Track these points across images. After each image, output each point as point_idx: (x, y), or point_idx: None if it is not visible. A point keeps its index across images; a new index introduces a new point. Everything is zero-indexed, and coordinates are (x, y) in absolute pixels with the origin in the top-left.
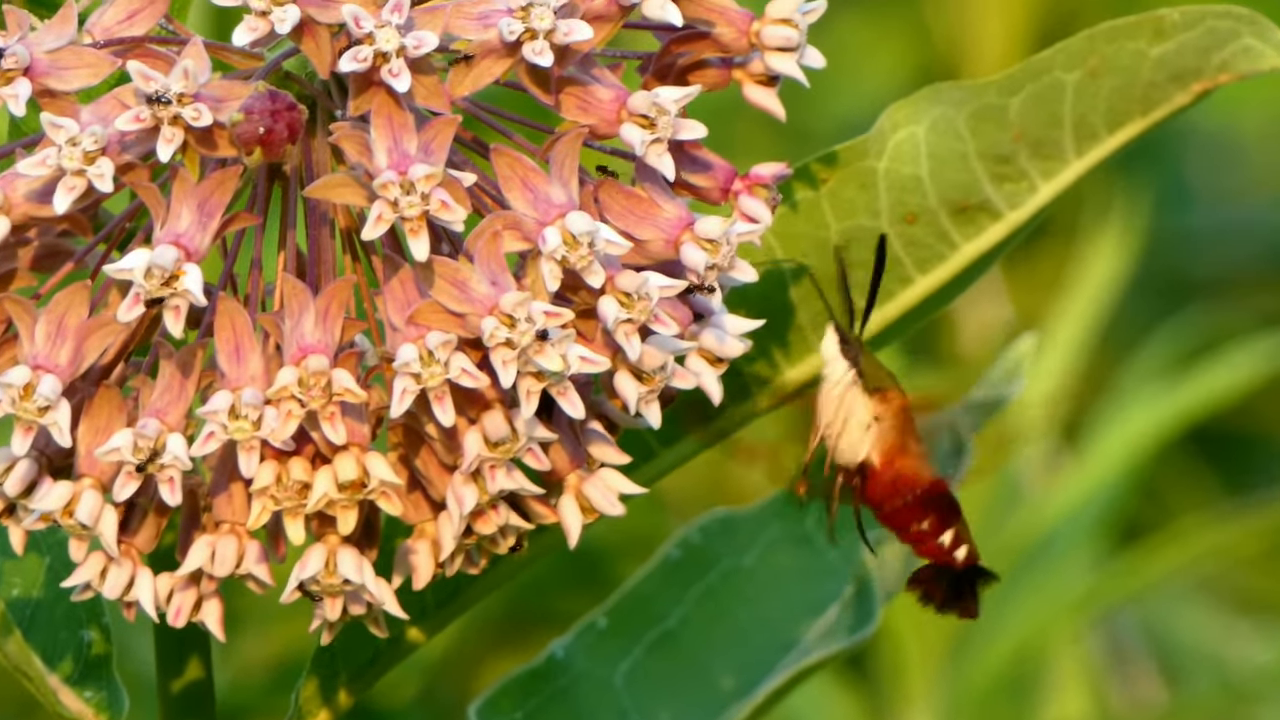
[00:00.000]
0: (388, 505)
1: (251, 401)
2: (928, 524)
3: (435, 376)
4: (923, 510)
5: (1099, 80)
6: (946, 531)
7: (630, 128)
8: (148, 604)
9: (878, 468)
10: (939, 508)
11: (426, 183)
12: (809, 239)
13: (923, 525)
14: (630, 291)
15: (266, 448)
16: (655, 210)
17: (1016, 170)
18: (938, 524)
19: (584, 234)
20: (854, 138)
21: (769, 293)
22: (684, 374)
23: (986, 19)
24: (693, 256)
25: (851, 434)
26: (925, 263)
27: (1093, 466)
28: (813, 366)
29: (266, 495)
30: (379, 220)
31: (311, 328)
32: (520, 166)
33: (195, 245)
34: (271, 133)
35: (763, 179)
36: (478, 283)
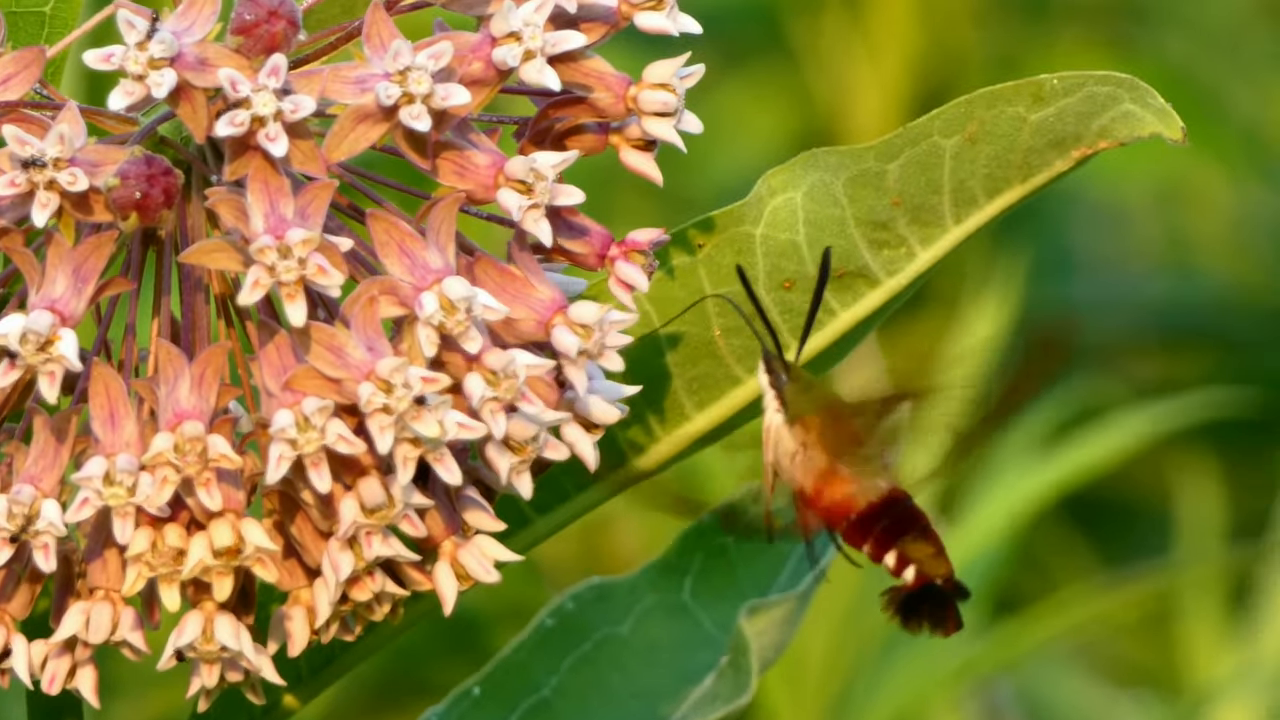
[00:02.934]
0: (263, 572)
1: (126, 467)
2: (869, 548)
3: (311, 442)
4: (860, 534)
5: (977, 146)
6: (888, 553)
7: (507, 193)
8: (22, 671)
9: (810, 496)
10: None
11: (303, 247)
12: (685, 305)
13: (865, 549)
14: (497, 370)
15: (141, 514)
16: (528, 290)
17: (895, 236)
18: (877, 547)
19: (461, 299)
20: (732, 203)
21: (645, 358)
22: (557, 445)
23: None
24: (564, 340)
25: (784, 466)
26: (799, 329)
27: (971, 535)
28: (687, 433)
29: (141, 562)
30: (255, 285)
31: (186, 393)
32: (397, 231)
33: (70, 310)
34: (147, 197)
35: (639, 245)
36: (354, 348)
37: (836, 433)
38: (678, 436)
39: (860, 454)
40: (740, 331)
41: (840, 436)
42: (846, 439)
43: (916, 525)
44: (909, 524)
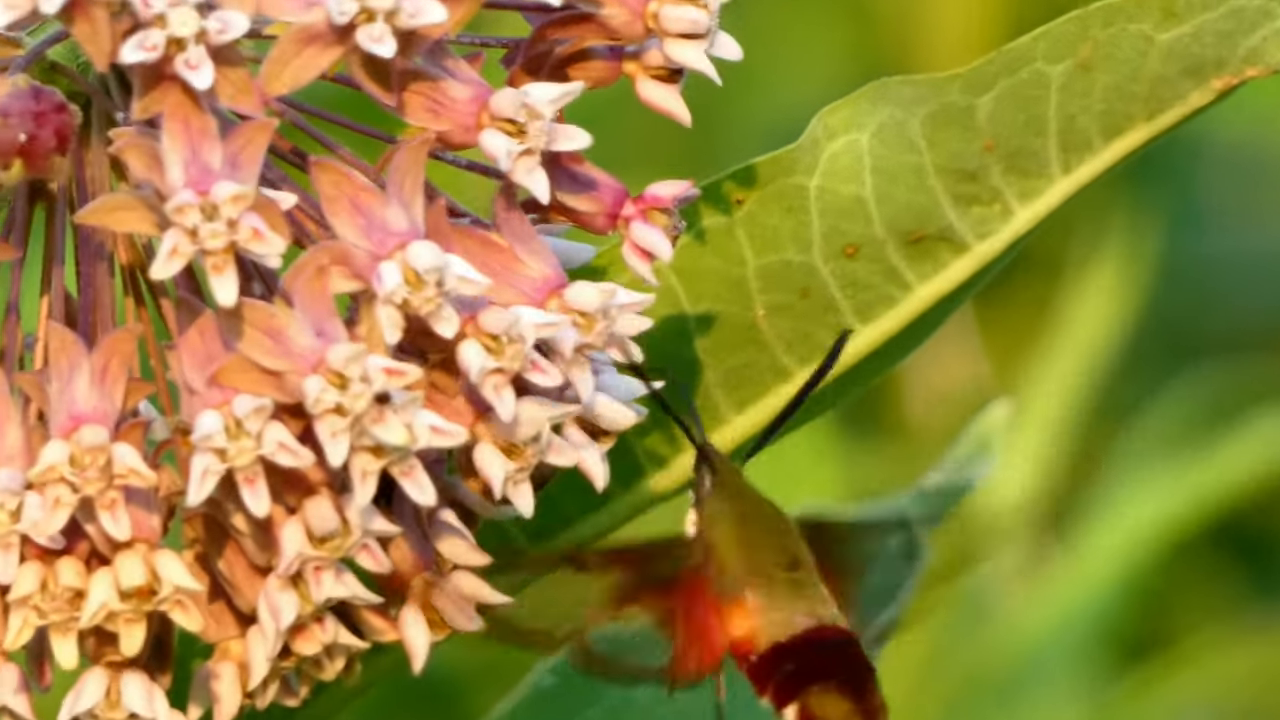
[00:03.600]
0: (183, 618)
1: (7, 486)
2: (769, 696)
3: (244, 453)
4: (762, 678)
5: (1092, 74)
6: (788, 706)
7: (493, 135)
8: None
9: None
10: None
11: (234, 205)
12: (720, 277)
13: (766, 697)
14: (499, 333)
15: (28, 545)
16: (517, 266)
17: (987, 189)
18: (778, 695)
19: (430, 270)
20: (779, 148)
21: (670, 346)
22: (561, 447)
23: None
24: (560, 335)
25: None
26: (869, 308)
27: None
28: (723, 440)
29: (28, 606)
30: (173, 254)
31: (85, 391)
32: (349, 184)
33: None
34: (34, 140)
35: (662, 201)
36: (298, 332)
37: (749, 552)
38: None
39: (777, 580)
40: (790, 311)
41: (753, 558)
42: (762, 562)
43: (838, 675)
44: (826, 672)
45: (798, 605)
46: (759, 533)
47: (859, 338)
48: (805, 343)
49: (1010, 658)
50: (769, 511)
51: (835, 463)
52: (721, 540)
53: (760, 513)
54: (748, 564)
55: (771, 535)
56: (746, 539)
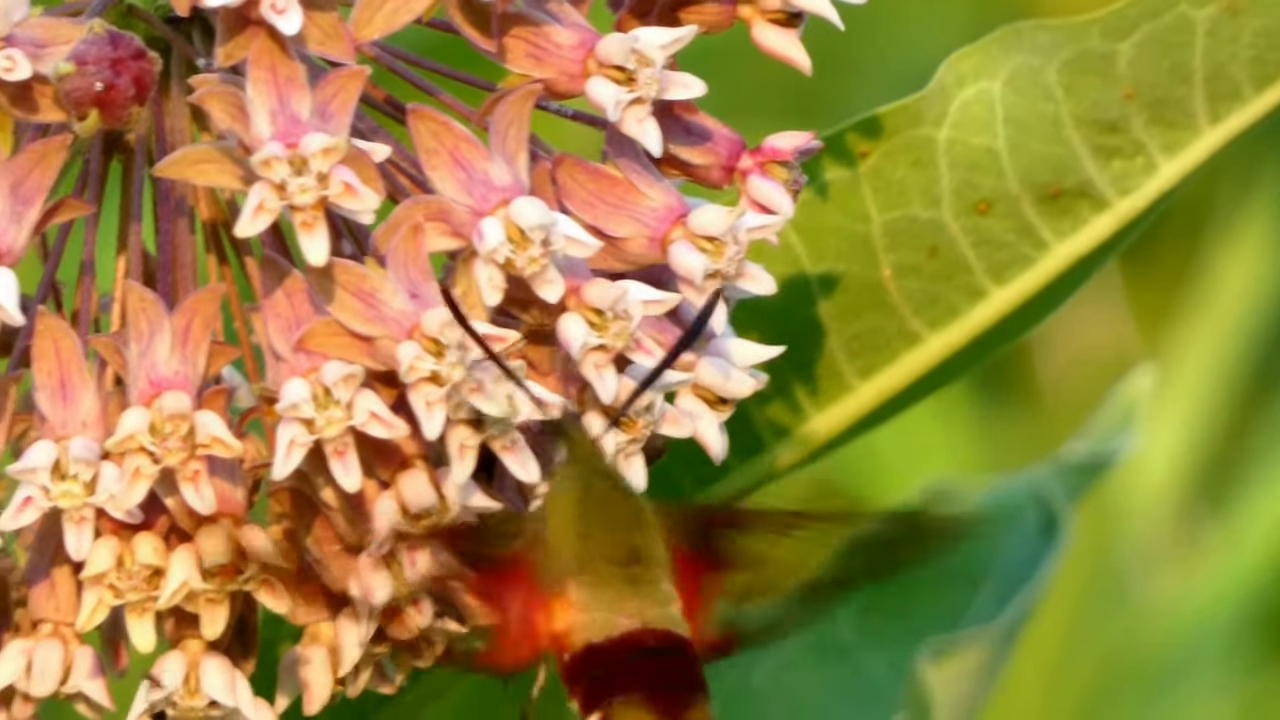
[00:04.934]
0: (270, 599)
1: (83, 455)
2: (577, 699)
3: (334, 423)
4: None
5: (1241, 18)
6: (592, 714)
7: (600, 83)
8: None
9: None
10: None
11: (324, 158)
12: (844, 235)
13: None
14: (603, 308)
15: (104, 519)
16: (635, 197)
17: (1129, 142)
18: (583, 700)
19: (535, 228)
20: (905, 97)
21: (790, 309)
22: (676, 417)
23: None
24: (687, 260)
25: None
26: (1003, 268)
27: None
28: (848, 410)
29: (103, 584)
30: (259, 210)
31: (166, 355)
32: (449, 136)
33: (7, 243)
34: (112, 89)
35: (781, 154)
36: (391, 294)
37: (581, 542)
38: (835, 413)
39: (605, 575)
40: (918, 271)
41: (584, 548)
42: (592, 554)
43: (650, 686)
44: (637, 682)
45: (624, 605)
46: (597, 522)
47: (992, 299)
48: (935, 305)
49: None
50: (617, 499)
51: (969, 432)
52: (555, 526)
53: (605, 500)
54: (577, 554)
55: (611, 526)
56: (581, 528)
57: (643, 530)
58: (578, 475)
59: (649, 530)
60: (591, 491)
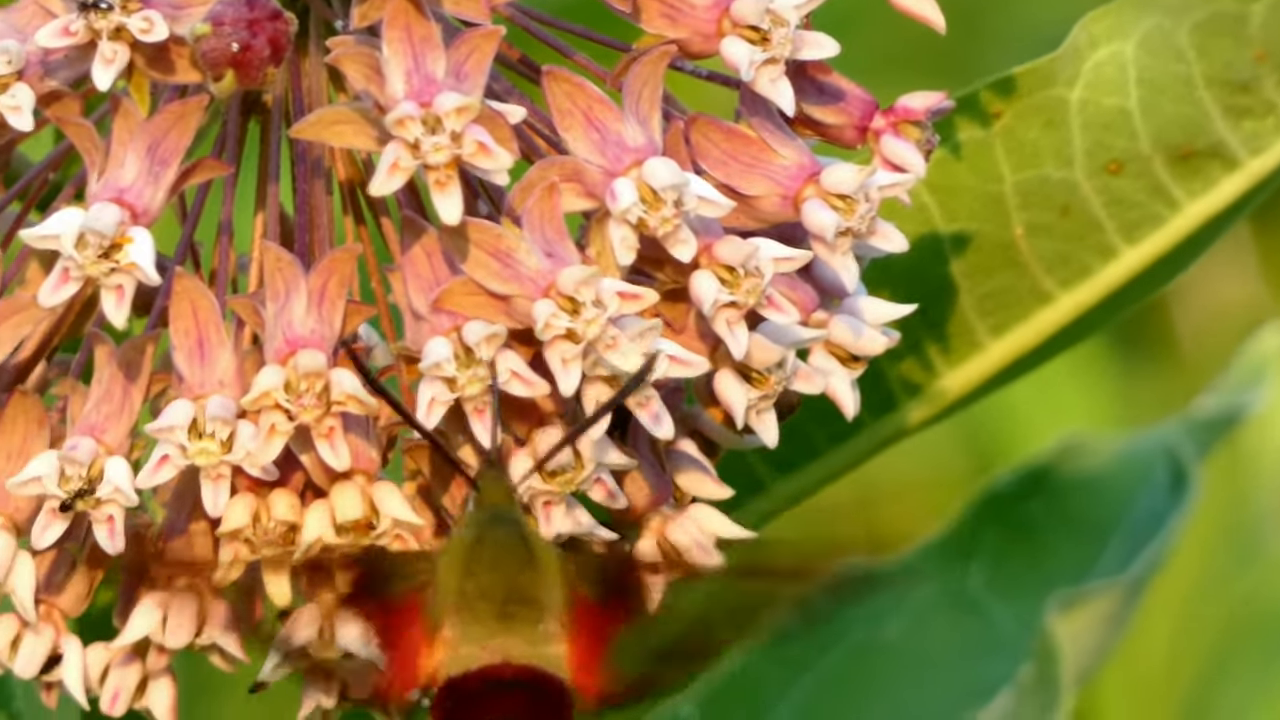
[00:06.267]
0: None
1: (220, 414)
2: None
3: (475, 381)
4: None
5: None
6: None
7: (735, 43)
8: (74, 685)
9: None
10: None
11: (458, 117)
12: (976, 194)
13: None
14: (735, 265)
15: (240, 476)
16: (768, 156)
17: (1260, 102)
18: None
19: (669, 188)
20: (1038, 57)
21: (922, 268)
22: (808, 374)
23: None
24: (819, 218)
25: None
26: (1135, 227)
27: None
28: (979, 368)
29: (239, 540)
30: (394, 169)
31: (302, 314)
32: (583, 97)
33: (144, 203)
34: (248, 50)
35: (914, 114)
36: (527, 254)
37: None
38: (967, 371)
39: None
40: (1051, 231)
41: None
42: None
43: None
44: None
45: (490, 641)
46: (484, 563)
47: (1124, 258)
48: (1066, 265)
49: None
50: (512, 544)
51: (1104, 389)
52: (445, 566)
53: (499, 544)
54: (458, 593)
55: (496, 568)
56: (467, 568)
57: (534, 574)
58: (478, 520)
59: (542, 575)
60: (486, 535)
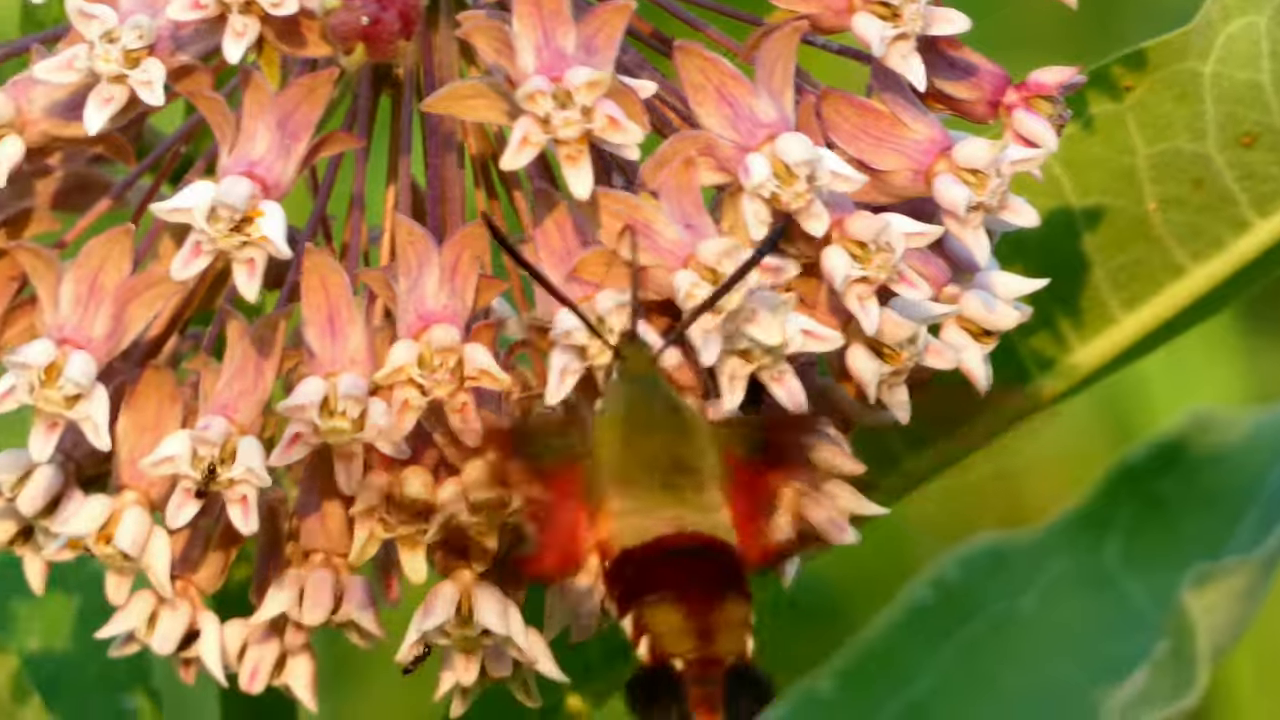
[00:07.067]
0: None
1: (352, 391)
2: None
3: (605, 351)
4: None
5: None
6: (626, 615)
7: (866, 18)
8: (213, 661)
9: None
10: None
11: (589, 92)
12: (1109, 168)
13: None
14: (866, 240)
15: (373, 453)
16: (900, 130)
17: None
18: (618, 604)
19: (801, 163)
20: (1171, 31)
21: (1054, 242)
22: (940, 349)
23: None
24: (951, 193)
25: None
26: (1268, 200)
27: None
28: (1112, 342)
29: (374, 518)
30: (524, 144)
31: (435, 289)
32: (716, 71)
33: (275, 176)
34: (379, 24)
35: (1046, 88)
36: (665, 225)
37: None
38: (1099, 345)
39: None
40: (1183, 204)
41: (628, 458)
42: (634, 463)
43: (680, 586)
44: (667, 582)
45: (660, 511)
46: (641, 433)
47: (1257, 231)
48: (1199, 237)
49: None
50: (665, 412)
51: (1236, 363)
52: (602, 438)
53: (652, 413)
54: (620, 464)
55: (655, 437)
56: (625, 439)
57: (690, 441)
58: (627, 391)
59: (698, 441)
60: (639, 405)
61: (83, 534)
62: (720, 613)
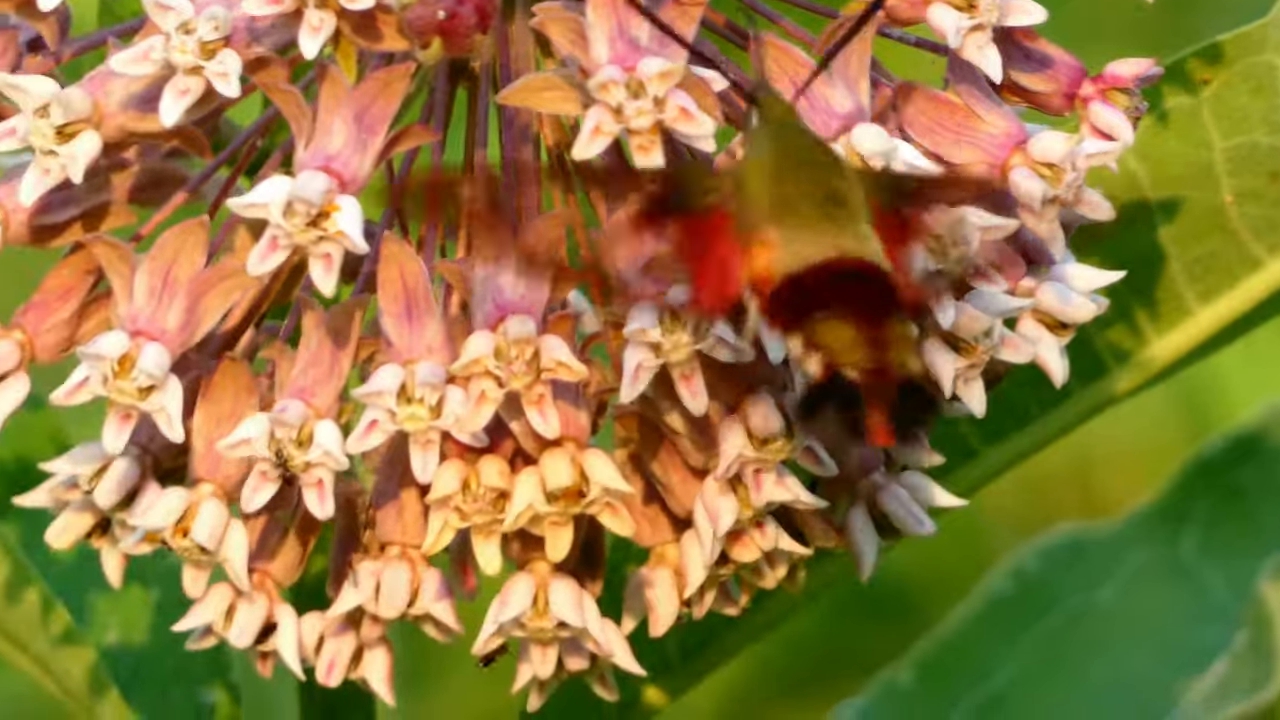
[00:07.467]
0: (613, 521)
1: (429, 379)
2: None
3: (681, 348)
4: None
5: None
6: (793, 336)
7: (942, 10)
8: (290, 655)
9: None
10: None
11: (661, 82)
12: (1184, 161)
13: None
14: (941, 234)
15: (449, 442)
16: (975, 123)
17: None
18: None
19: (876, 154)
20: (1248, 23)
21: (1130, 234)
22: (1015, 343)
23: None
24: (1027, 186)
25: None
26: None
27: None
28: (1188, 335)
29: (449, 507)
30: (596, 133)
31: (512, 280)
32: (790, 62)
33: (352, 171)
34: (455, 17)
35: (1122, 81)
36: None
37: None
38: (1176, 338)
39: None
40: (1260, 197)
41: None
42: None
43: (848, 304)
44: (835, 300)
45: (821, 240)
46: (792, 169)
47: None
48: (1275, 230)
49: None
50: (813, 149)
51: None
52: (750, 174)
53: (800, 150)
54: (773, 198)
55: (807, 172)
56: (777, 173)
57: (841, 177)
58: (772, 133)
59: (847, 179)
60: (786, 144)
61: (160, 527)
62: (889, 328)
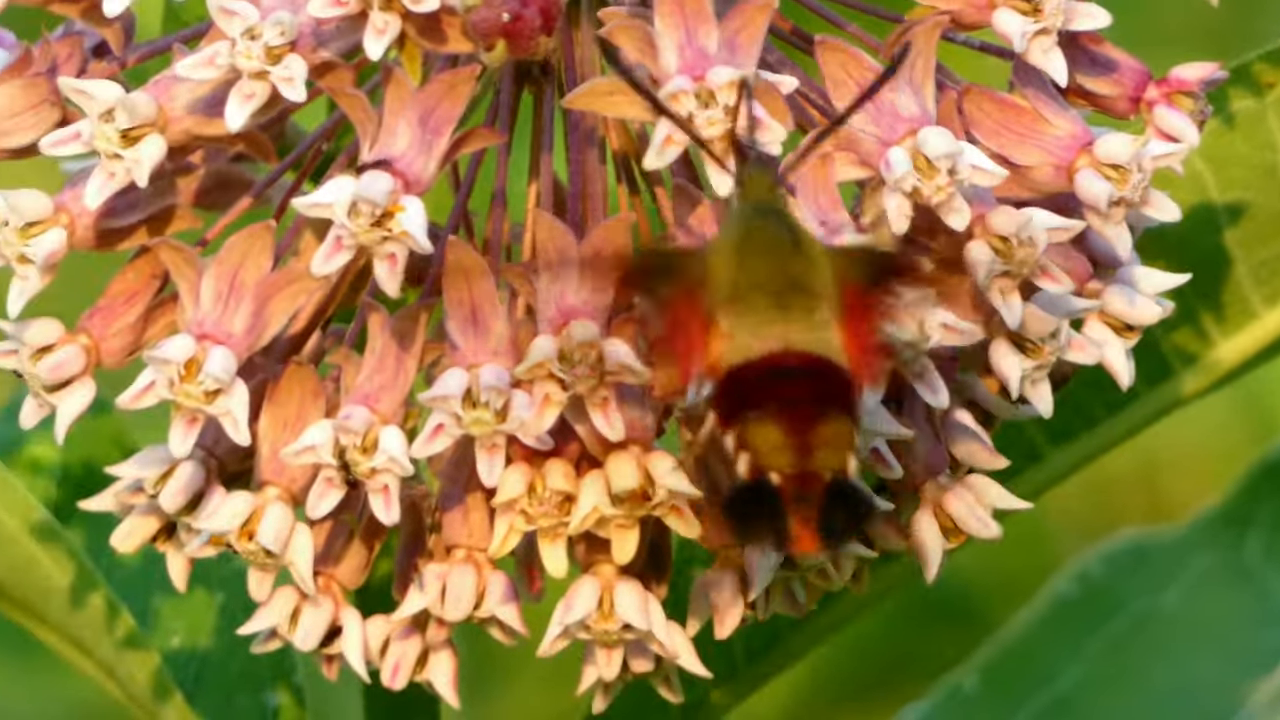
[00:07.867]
0: (679, 524)
1: (494, 383)
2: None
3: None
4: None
5: None
6: (728, 433)
7: (1007, 14)
8: (355, 658)
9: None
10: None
11: (731, 91)
12: (1250, 164)
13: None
14: (1008, 235)
15: (515, 446)
16: (1041, 126)
17: None
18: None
19: (943, 157)
20: None
21: (1195, 237)
22: (1083, 344)
23: None
24: (1092, 188)
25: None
26: None
27: None
28: (1254, 338)
29: (515, 511)
30: (668, 142)
31: (576, 284)
32: (857, 67)
33: (416, 172)
34: (520, 20)
35: (1187, 84)
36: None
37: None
38: (1241, 341)
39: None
40: None
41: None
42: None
43: (780, 404)
44: (769, 400)
45: (769, 329)
46: (755, 254)
47: None
48: None
49: None
50: (781, 234)
51: None
52: (717, 259)
53: (768, 234)
54: (732, 284)
55: (769, 257)
56: (739, 260)
57: (805, 262)
58: (745, 212)
59: (813, 263)
60: (755, 226)
61: (225, 530)
62: (820, 430)
